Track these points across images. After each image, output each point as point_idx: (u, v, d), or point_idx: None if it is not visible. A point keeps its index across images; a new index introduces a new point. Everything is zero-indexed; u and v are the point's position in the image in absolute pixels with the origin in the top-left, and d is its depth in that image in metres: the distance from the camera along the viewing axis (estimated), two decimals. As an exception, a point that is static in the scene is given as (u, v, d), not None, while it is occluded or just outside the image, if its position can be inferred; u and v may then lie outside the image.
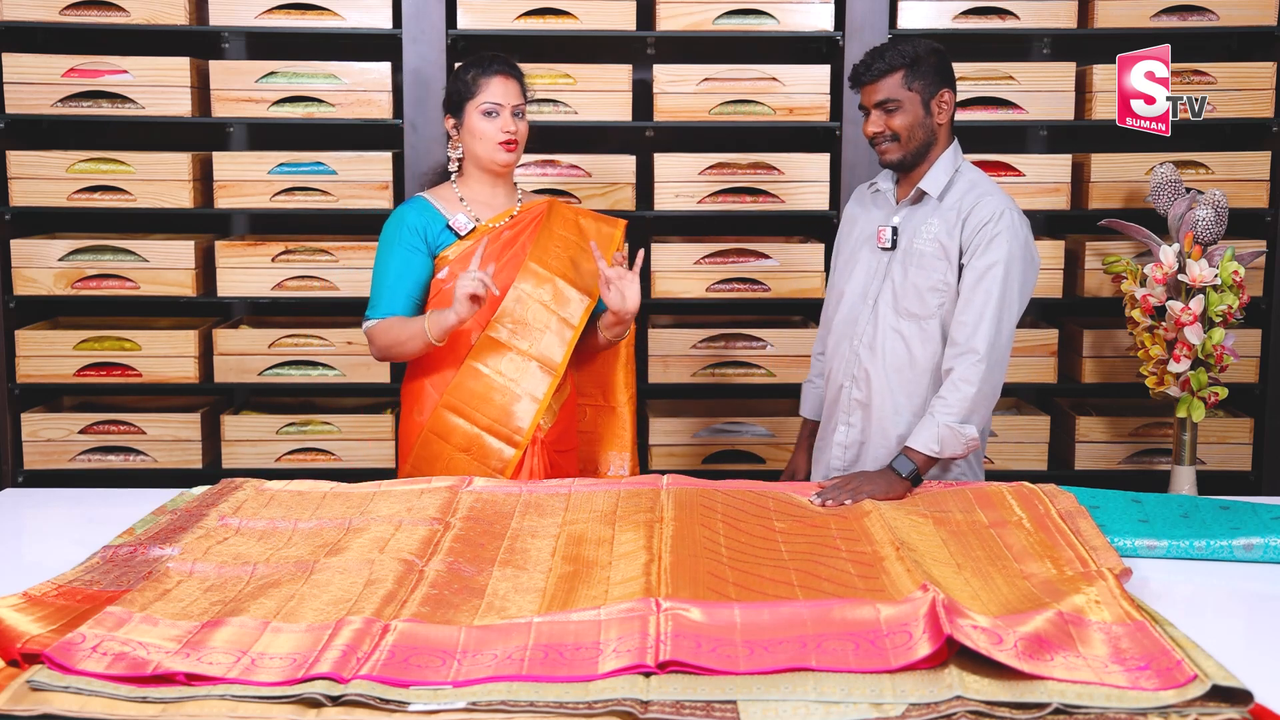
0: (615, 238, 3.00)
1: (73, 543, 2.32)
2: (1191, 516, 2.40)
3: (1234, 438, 3.91)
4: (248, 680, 1.64)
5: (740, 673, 1.65)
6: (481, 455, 2.85)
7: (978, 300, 2.70)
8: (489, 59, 2.88)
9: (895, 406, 2.81)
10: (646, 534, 2.17)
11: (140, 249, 3.82)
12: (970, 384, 2.68)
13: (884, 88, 2.75)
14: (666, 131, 4.04)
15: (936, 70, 2.77)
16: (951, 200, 2.79)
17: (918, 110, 2.76)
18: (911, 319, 2.79)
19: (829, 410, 2.94)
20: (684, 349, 3.92)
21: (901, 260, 2.81)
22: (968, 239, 2.74)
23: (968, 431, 2.68)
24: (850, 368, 2.87)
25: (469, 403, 2.85)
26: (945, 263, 2.76)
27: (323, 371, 3.88)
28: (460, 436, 2.86)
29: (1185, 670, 1.62)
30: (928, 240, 2.78)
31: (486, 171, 2.90)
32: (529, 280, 2.86)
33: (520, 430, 2.84)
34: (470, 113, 2.85)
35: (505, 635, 1.77)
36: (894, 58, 2.74)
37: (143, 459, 3.85)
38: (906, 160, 2.79)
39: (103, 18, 3.77)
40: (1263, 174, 3.84)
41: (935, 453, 2.66)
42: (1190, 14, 3.81)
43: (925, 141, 2.78)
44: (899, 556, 2.06)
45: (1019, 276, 2.74)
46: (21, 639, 1.72)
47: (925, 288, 2.77)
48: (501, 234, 2.89)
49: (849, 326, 2.88)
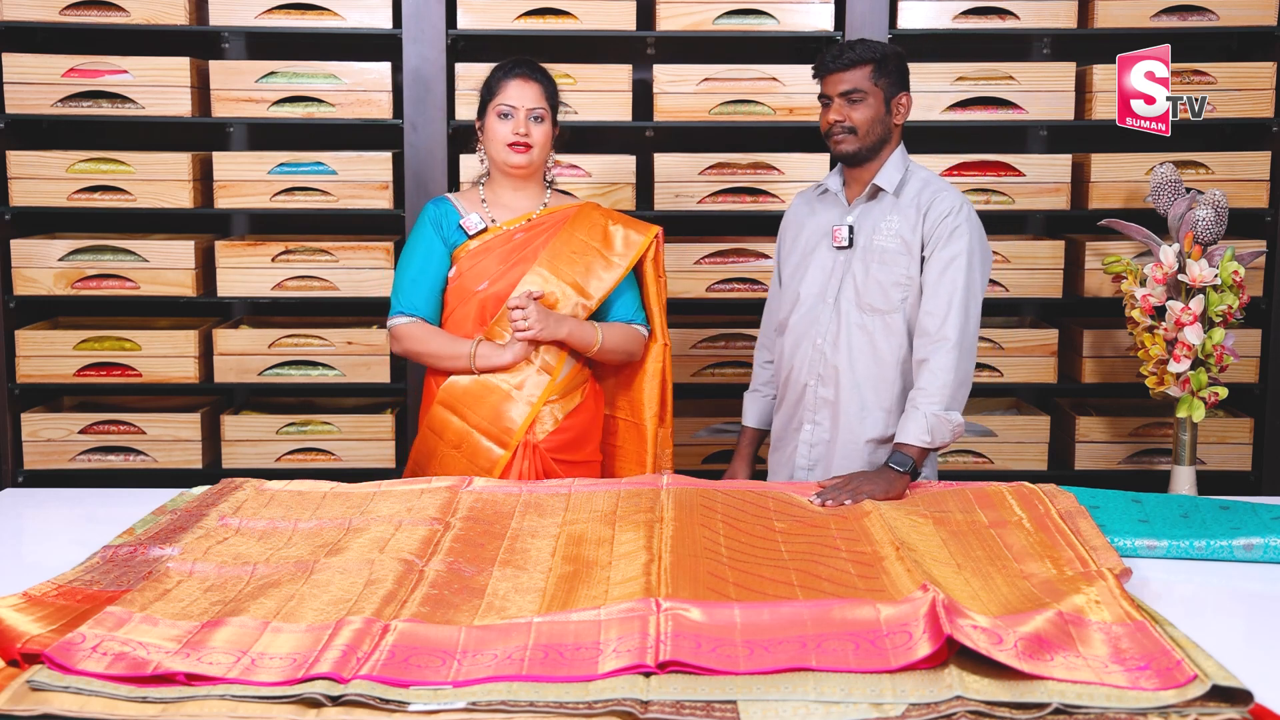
0: (643, 244, 2.97)
1: (73, 543, 2.32)
2: (1191, 516, 2.40)
3: (1234, 438, 3.91)
4: (248, 680, 1.64)
5: (740, 673, 1.65)
6: (471, 453, 2.86)
7: (944, 290, 2.75)
8: (513, 62, 2.91)
9: (862, 402, 2.84)
10: (646, 534, 2.17)
11: (140, 249, 3.82)
12: (947, 371, 2.72)
13: (851, 78, 2.79)
14: (666, 131, 4.04)
15: (899, 72, 2.85)
16: (909, 196, 2.84)
17: (879, 106, 2.81)
18: (875, 314, 2.83)
19: (790, 411, 2.95)
20: (684, 349, 3.92)
21: (862, 257, 2.85)
22: (929, 232, 2.79)
23: (954, 418, 2.72)
24: (815, 366, 2.88)
25: (463, 400, 2.87)
26: (908, 257, 2.80)
27: (323, 371, 3.88)
28: (452, 433, 2.88)
29: (1185, 670, 1.62)
30: (889, 236, 2.82)
31: (504, 174, 2.92)
32: (535, 284, 2.87)
33: (510, 431, 2.85)
34: (489, 114, 2.88)
35: (505, 635, 1.77)
36: (864, 51, 2.80)
37: (143, 459, 3.85)
38: (861, 154, 2.83)
39: (103, 18, 3.77)
40: (1263, 174, 3.84)
41: (927, 443, 2.68)
42: (1190, 14, 3.81)
43: (881, 138, 2.83)
44: (899, 556, 2.06)
45: (980, 267, 2.80)
46: (21, 639, 1.72)
47: (889, 283, 2.81)
48: (513, 236, 2.91)
49: (809, 326, 2.90)
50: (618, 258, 2.93)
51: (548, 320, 2.81)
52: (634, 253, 2.95)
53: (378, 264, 3.83)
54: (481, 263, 2.88)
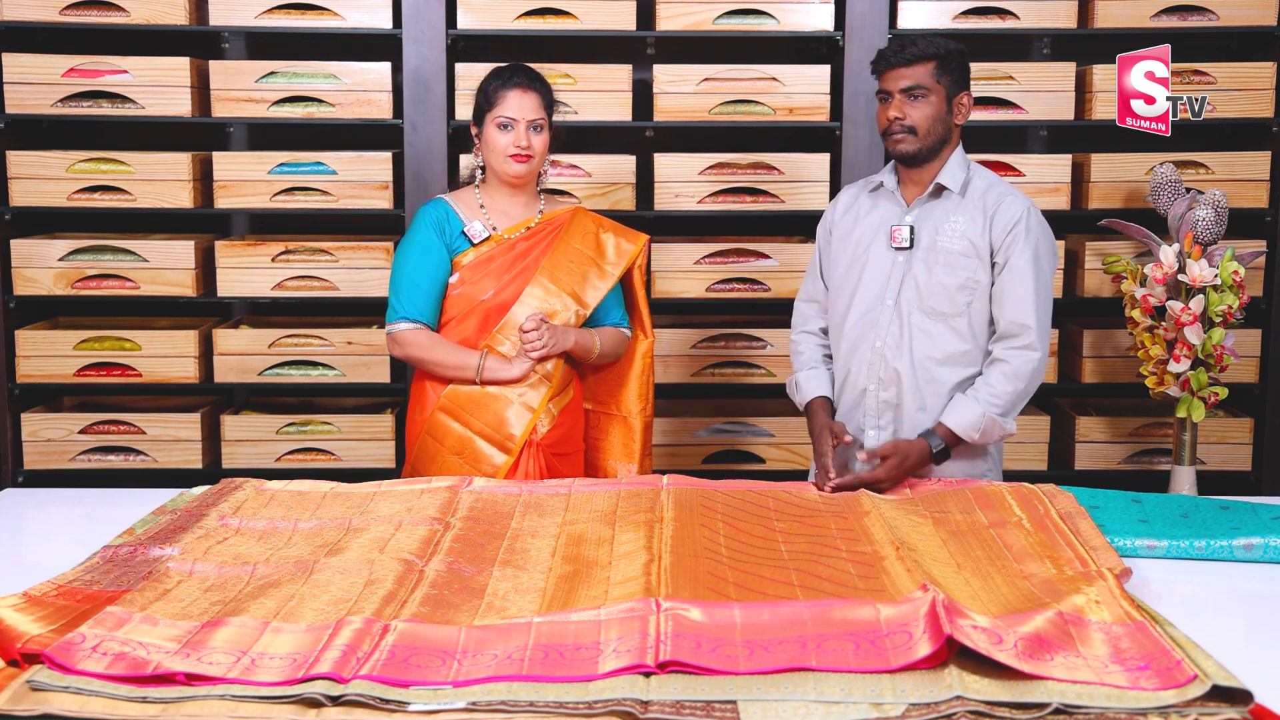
0: (634, 254, 3.03)
1: (73, 543, 2.32)
2: (1191, 516, 2.40)
3: (1234, 438, 3.91)
4: (248, 680, 1.64)
5: (740, 673, 1.65)
6: (473, 459, 2.88)
7: (1025, 296, 2.70)
8: (510, 70, 2.91)
9: (922, 406, 2.78)
10: (646, 534, 2.17)
11: (140, 249, 3.82)
12: (1023, 379, 2.70)
13: (914, 74, 2.70)
14: (666, 131, 4.04)
15: (961, 70, 2.75)
16: (974, 197, 2.76)
17: (941, 105, 2.71)
18: (939, 318, 2.75)
19: (847, 415, 2.86)
20: (684, 349, 3.92)
21: (924, 259, 2.75)
22: (998, 237, 2.72)
23: (1008, 425, 2.72)
24: (875, 370, 2.80)
25: (464, 407, 2.88)
26: (975, 260, 2.72)
27: (323, 371, 3.88)
28: (454, 439, 2.89)
29: (1185, 670, 1.62)
30: (954, 237, 2.74)
31: (502, 182, 2.93)
32: (536, 295, 2.90)
33: (513, 437, 2.88)
34: (488, 124, 2.89)
35: (505, 635, 1.77)
36: (928, 46, 2.70)
37: (143, 459, 3.85)
38: (920, 154, 2.73)
39: (103, 18, 3.77)
40: (1263, 174, 3.84)
41: (973, 440, 2.69)
42: (1190, 14, 3.81)
43: (941, 139, 2.73)
44: (899, 556, 2.06)
45: (1049, 271, 2.75)
46: (21, 639, 1.72)
47: (954, 286, 2.73)
48: (515, 245, 2.93)
49: (868, 329, 2.80)
50: (610, 266, 2.99)
51: (557, 337, 2.87)
52: (625, 261, 3.02)
53: (378, 264, 3.83)
54: (486, 272, 2.90)
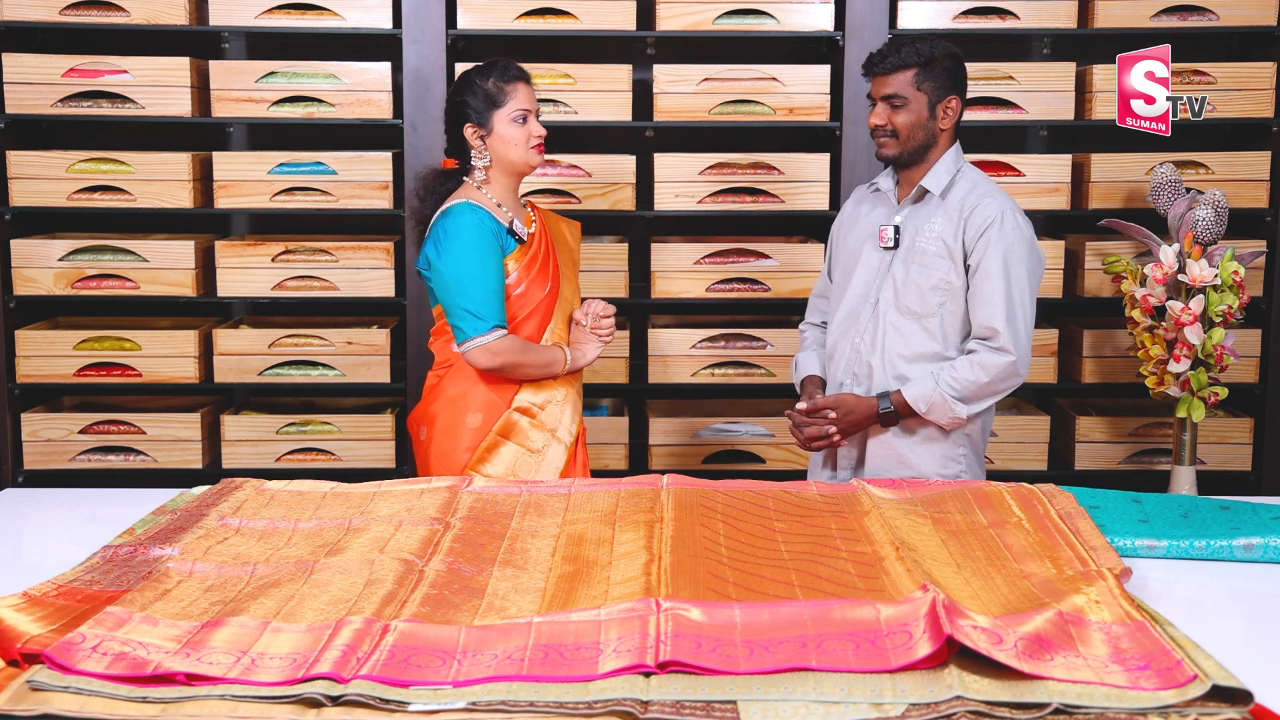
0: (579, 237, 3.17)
1: (73, 543, 2.32)
2: (1191, 516, 2.40)
3: (1234, 438, 3.91)
4: (248, 680, 1.64)
5: (740, 673, 1.65)
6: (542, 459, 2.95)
7: (996, 300, 2.73)
8: (504, 66, 2.93)
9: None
10: (646, 534, 2.17)
11: (140, 249, 3.82)
12: (987, 373, 2.73)
13: (893, 82, 2.76)
14: (666, 131, 4.04)
15: (949, 74, 2.79)
16: (954, 199, 2.81)
17: (922, 111, 2.77)
18: (913, 317, 2.81)
19: None
20: (684, 349, 3.92)
21: (904, 259, 2.83)
22: (971, 239, 2.77)
23: (959, 410, 2.75)
24: (852, 366, 2.89)
25: (542, 407, 2.96)
26: (948, 262, 2.78)
27: (323, 371, 3.88)
28: (539, 438, 2.95)
29: (1185, 670, 1.62)
30: (930, 239, 2.80)
31: (515, 176, 2.97)
32: (569, 288, 3.02)
33: (571, 432, 2.99)
34: (500, 120, 2.90)
35: (505, 635, 1.77)
36: (909, 55, 2.75)
37: (143, 459, 3.85)
38: (902, 158, 2.81)
39: (103, 18, 3.77)
40: (1263, 174, 3.84)
41: (921, 412, 2.75)
42: (1190, 14, 3.82)
43: (924, 143, 2.80)
44: (899, 556, 2.06)
45: (1025, 276, 2.77)
46: (21, 639, 1.72)
47: (927, 286, 2.79)
48: (538, 239, 2.99)
49: (850, 325, 2.90)
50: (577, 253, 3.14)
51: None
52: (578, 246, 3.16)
53: (378, 264, 3.84)
54: (537, 268, 2.95)
